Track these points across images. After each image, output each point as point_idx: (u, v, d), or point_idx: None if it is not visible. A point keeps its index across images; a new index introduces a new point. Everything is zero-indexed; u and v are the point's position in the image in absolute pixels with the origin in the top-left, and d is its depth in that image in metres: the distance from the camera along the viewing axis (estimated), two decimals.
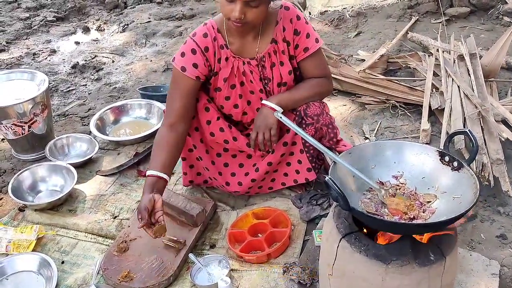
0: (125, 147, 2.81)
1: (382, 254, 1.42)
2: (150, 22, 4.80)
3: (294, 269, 1.86)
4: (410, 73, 3.35)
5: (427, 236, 1.50)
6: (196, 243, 2.10)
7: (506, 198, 2.23)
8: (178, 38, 4.39)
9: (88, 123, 2.98)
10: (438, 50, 3.25)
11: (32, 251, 2.07)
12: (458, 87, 2.84)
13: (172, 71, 2.01)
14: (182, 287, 1.91)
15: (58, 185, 2.49)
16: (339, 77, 3.18)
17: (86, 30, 4.73)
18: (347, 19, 4.36)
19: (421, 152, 1.64)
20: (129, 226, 2.14)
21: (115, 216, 2.29)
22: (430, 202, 1.56)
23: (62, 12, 5.04)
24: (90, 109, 3.29)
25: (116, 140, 2.85)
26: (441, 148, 1.65)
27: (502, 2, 4.16)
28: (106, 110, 3.03)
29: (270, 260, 1.98)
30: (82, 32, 4.71)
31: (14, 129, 2.58)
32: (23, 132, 2.61)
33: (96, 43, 4.46)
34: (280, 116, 1.96)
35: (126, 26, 4.73)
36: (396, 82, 3.09)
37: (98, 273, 1.96)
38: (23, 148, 2.73)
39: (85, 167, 2.65)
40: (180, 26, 4.65)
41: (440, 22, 4.01)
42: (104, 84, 3.66)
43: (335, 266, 1.52)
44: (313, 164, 2.17)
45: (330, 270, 1.54)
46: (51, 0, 5.24)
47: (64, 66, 3.97)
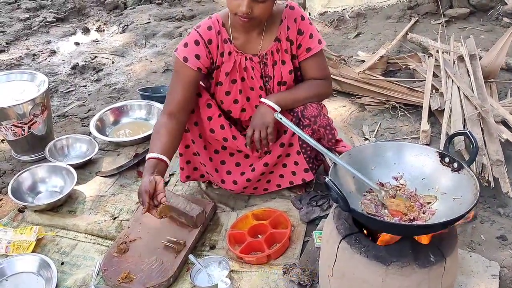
0: (125, 148, 2.81)
1: (382, 255, 1.42)
2: (150, 23, 4.80)
3: (294, 270, 1.86)
4: (410, 74, 3.35)
5: (427, 237, 1.51)
6: (196, 244, 2.09)
7: (506, 199, 2.23)
8: (178, 39, 4.39)
9: (88, 124, 2.98)
10: (438, 51, 3.25)
11: (31, 252, 2.07)
12: (458, 88, 2.84)
13: (174, 61, 2.00)
14: None
15: (58, 186, 2.49)
16: (339, 78, 3.18)
17: (86, 31, 4.73)
18: (347, 20, 4.36)
19: (421, 153, 1.65)
20: (129, 227, 2.14)
21: (115, 217, 2.28)
22: (430, 203, 1.56)
23: (62, 13, 5.04)
24: (90, 110, 3.28)
25: (116, 141, 2.85)
26: (441, 149, 1.65)
27: (501, 3, 4.16)
28: (106, 111, 3.03)
29: (270, 261, 1.98)
30: (82, 33, 4.71)
31: (14, 130, 2.58)
32: (23, 133, 2.61)
33: (96, 44, 4.46)
34: (280, 117, 1.96)
35: (126, 27, 4.73)
36: (396, 83, 3.09)
37: (98, 274, 1.96)
38: (22, 149, 2.72)
39: (85, 168, 2.64)
40: (180, 27, 4.65)
41: (440, 23, 4.02)
42: (104, 85, 3.66)
43: (335, 267, 1.52)
44: (310, 165, 2.16)
45: (330, 271, 1.54)
46: (51, 1, 5.24)
47: (64, 67, 3.97)
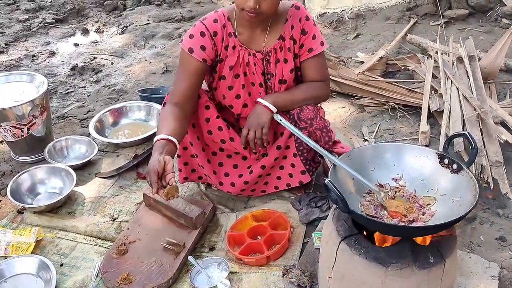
0: (124, 149, 2.80)
1: (381, 257, 1.42)
2: (149, 24, 4.80)
3: (294, 271, 1.85)
4: (409, 75, 3.35)
5: (427, 239, 1.51)
6: (196, 246, 2.09)
7: (505, 201, 2.23)
8: (177, 40, 4.39)
9: (87, 125, 2.98)
10: (437, 52, 3.25)
11: (31, 253, 2.07)
12: (457, 89, 2.84)
13: (180, 53, 2.01)
14: None
15: (57, 187, 2.49)
16: (338, 79, 3.18)
17: (85, 32, 4.73)
18: (346, 21, 4.36)
19: (420, 155, 1.65)
20: (128, 229, 2.14)
21: (114, 219, 2.28)
22: (430, 204, 1.56)
23: (61, 14, 5.05)
24: (89, 111, 3.28)
25: (115, 142, 2.85)
26: (440, 150, 1.66)
27: (500, 4, 4.17)
28: (105, 112, 3.03)
29: (269, 263, 1.98)
30: (81, 34, 4.71)
31: (13, 131, 2.57)
32: (22, 134, 2.60)
33: (95, 45, 4.46)
34: (280, 119, 1.96)
35: (125, 28, 4.73)
36: (395, 84, 3.10)
37: (97, 275, 1.96)
38: (22, 150, 2.72)
39: (84, 169, 2.64)
40: (179, 28, 4.65)
41: (439, 24, 4.02)
42: (103, 86, 3.66)
43: (335, 268, 1.52)
44: (307, 167, 2.16)
45: (329, 273, 1.54)
46: (50, 2, 5.24)
47: (63, 68, 3.96)
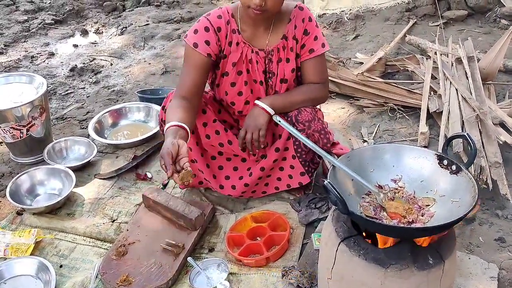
0: (123, 150, 2.80)
1: (381, 258, 1.43)
2: (148, 25, 4.80)
3: (293, 272, 1.86)
4: (408, 76, 3.36)
5: (426, 240, 1.51)
6: (195, 247, 2.09)
7: (504, 201, 2.23)
8: (177, 41, 4.39)
9: (87, 126, 2.97)
10: (436, 53, 3.25)
11: (30, 255, 2.07)
12: (456, 90, 2.85)
13: (184, 48, 2.01)
14: None
15: (57, 188, 2.49)
16: (337, 80, 3.18)
17: (85, 33, 4.73)
18: (345, 22, 4.37)
19: (419, 156, 1.65)
20: (127, 230, 2.14)
21: (114, 220, 2.28)
22: (429, 205, 1.56)
23: (61, 15, 5.04)
24: (88, 112, 3.28)
25: (114, 143, 2.84)
26: (439, 151, 1.66)
27: (499, 5, 4.18)
28: (104, 113, 3.02)
29: (269, 264, 1.98)
30: (81, 35, 4.71)
31: (12, 132, 2.57)
32: (21, 135, 2.60)
33: (95, 46, 4.45)
34: (279, 120, 1.96)
35: (124, 29, 4.73)
36: (394, 85, 3.10)
37: (96, 277, 1.95)
38: (21, 152, 2.72)
39: (83, 170, 2.64)
40: (179, 29, 4.65)
41: (438, 25, 4.03)
42: (102, 87, 3.66)
43: (334, 270, 1.52)
44: (306, 168, 2.16)
45: (329, 274, 1.55)
46: (49, 3, 5.24)
47: (62, 69, 3.96)
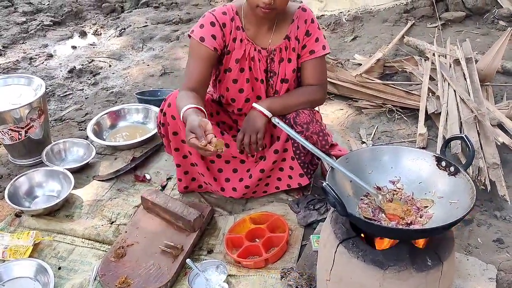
0: (122, 152, 2.80)
1: (379, 260, 1.43)
2: (147, 26, 4.80)
3: (292, 274, 1.86)
4: (406, 77, 3.36)
5: (425, 241, 1.51)
6: (194, 249, 2.09)
7: (503, 203, 2.24)
8: (175, 42, 4.39)
9: (85, 128, 2.97)
10: (434, 55, 3.26)
11: (28, 257, 2.06)
12: (454, 91, 2.85)
13: (190, 43, 2.01)
14: None
15: (55, 190, 2.48)
16: (335, 81, 3.18)
17: (83, 35, 4.73)
18: (344, 24, 4.37)
19: (418, 157, 1.65)
20: (126, 232, 2.14)
21: (112, 222, 2.28)
22: (427, 207, 1.57)
23: (59, 17, 5.04)
24: (87, 113, 3.28)
25: (113, 145, 2.84)
26: (437, 153, 1.66)
27: (497, 6, 4.19)
28: (103, 115, 3.02)
29: (267, 265, 1.98)
30: (79, 36, 4.71)
31: (10, 134, 2.57)
32: (19, 137, 2.60)
33: (93, 47, 4.45)
34: (277, 122, 1.96)
35: (123, 31, 4.73)
36: (393, 86, 3.11)
37: (95, 279, 1.95)
38: (19, 153, 2.71)
39: (82, 172, 2.64)
40: (177, 30, 4.65)
41: (436, 27, 4.04)
42: (101, 88, 3.65)
43: (333, 271, 1.52)
44: (305, 170, 2.17)
45: (327, 276, 1.55)
46: (47, 4, 5.24)
47: (61, 71, 3.96)
